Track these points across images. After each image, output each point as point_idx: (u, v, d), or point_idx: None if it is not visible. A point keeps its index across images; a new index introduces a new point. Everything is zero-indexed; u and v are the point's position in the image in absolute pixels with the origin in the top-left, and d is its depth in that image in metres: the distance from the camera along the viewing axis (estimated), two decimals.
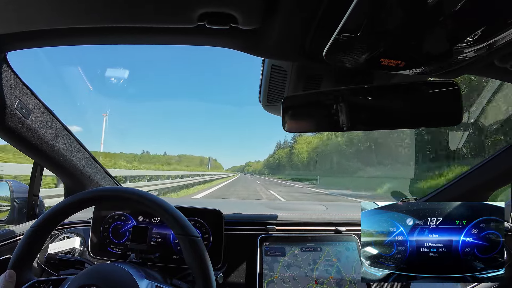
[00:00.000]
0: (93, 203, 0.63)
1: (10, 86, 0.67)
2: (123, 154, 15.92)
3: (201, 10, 0.45)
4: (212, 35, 0.55)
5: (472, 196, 0.98)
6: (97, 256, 0.86)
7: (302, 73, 0.67)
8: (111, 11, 0.48)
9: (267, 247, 0.91)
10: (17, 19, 0.51)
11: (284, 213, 1.03)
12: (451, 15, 0.38)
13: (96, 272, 0.53)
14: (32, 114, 0.75)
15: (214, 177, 26.79)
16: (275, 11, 0.47)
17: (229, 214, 0.99)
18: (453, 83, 0.57)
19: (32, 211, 0.92)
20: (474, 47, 0.45)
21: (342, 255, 0.92)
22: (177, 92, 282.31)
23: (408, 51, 0.48)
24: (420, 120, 0.64)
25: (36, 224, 0.57)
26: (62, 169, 0.96)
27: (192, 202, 1.99)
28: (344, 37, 0.43)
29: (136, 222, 0.87)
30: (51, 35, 0.58)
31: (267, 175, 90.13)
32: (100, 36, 0.58)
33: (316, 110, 0.68)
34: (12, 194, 0.89)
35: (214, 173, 35.02)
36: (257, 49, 0.60)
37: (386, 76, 0.67)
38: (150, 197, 0.58)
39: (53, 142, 0.84)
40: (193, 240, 0.55)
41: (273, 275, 0.87)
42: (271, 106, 0.82)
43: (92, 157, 1.05)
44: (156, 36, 0.58)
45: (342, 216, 1.01)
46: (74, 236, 0.91)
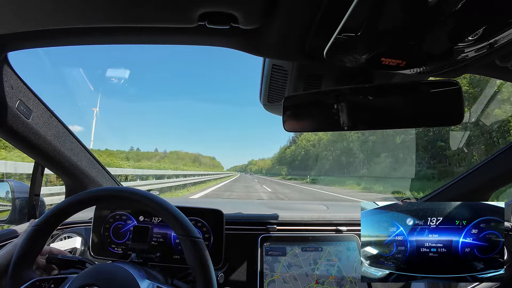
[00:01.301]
0: (94, 203, 0.63)
1: (11, 86, 0.68)
2: (108, 151, 14.47)
3: (202, 9, 0.46)
4: (212, 34, 0.55)
5: (473, 196, 0.98)
6: (98, 256, 0.86)
7: (302, 73, 0.67)
8: (112, 11, 0.48)
9: (268, 247, 0.91)
10: (18, 19, 0.51)
11: (285, 212, 1.03)
12: (452, 15, 0.38)
13: (97, 272, 0.53)
14: (33, 114, 0.75)
15: (204, 178, 21.21)
16: (275, 11, 0.47)
17: (229, 213, 0.99)
18: (454, 82, 0.56)
19: (33, 211, 0.92)
20: (475, 47, 0.45)
21: (343, 255, 0.92)
22: (175, 92, 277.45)
23: (408, 51, 0.48)
24: (421, 119, 0.64)
25: (38, 223, 0.57)
26: (63, 169, 0.96)
27: (192, 202, 1.99)
28: (345, 37, 0.43)
29: (137, 222, 0.87)
30: (51, 35, 0.58)
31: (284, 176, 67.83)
32: (100, 36, 0.58)
33: (316, 109, 0.68)
34: (13, 194, 0.89)
35: (209, 173, 30.91)
36: (258, 48, 0.60)
37: (387, 76, 0.67)
38: (151, 197, 0.58)
39: (54, 142, 0.84)
40: (194, 241, 0.55)
41: (274, 274, 0.88)
42: (271, 106, 0.82)
43: (93, 157, 1.06)
44: (156, 36, 0.58)
45: (343, 216, 1.01)
46: (75, 236, 0.92)
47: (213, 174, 32.18)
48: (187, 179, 15.47)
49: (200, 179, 18.69)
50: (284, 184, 24.83)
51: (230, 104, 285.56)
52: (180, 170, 20.87)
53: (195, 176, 19.56)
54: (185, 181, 14.37)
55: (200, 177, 19.92)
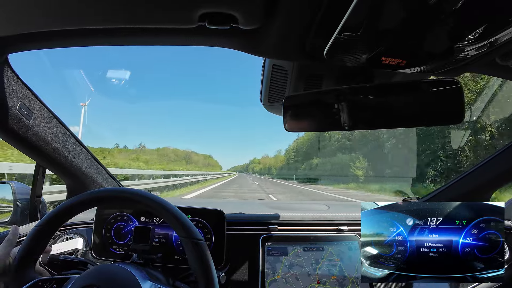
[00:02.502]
0: (96, 203, 0.63)
1: (12, 88, 0.68)
2: (91, 149, 12.74)
3: (202, 10, 0.46)
4: (212, 35, 0.55)
5: (473, 195, 0.98)
6: (100, 257, 0.86)
7: (303, 73, 0.67)
8: (112, 12, 0.48)
9: (269, 247, 0.91)
10: (18, 21, 0.51)
11: (286, 212, 1.03)
12: (452, 13, 0.37)
13: (99, 273, 0.54)
14: (34, 116, 0.75)
15: (186, 180, 16.16)
16: (275, 11, 0.46)
17: (231, 214, 0.99)
18: (454, 81, 0.56)
19: (34, 212, 0.93)
20: (475, 45, 0.45)
21: (345, 255, 0.92)
22: (174, 91, 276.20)
23: (409, 50, 0.48)
24: (422, 118, 0.64)
25: (40, 223, 0.57)
26: (64, 170, 0.96)
27: (193, 202, 2.00)
28: (345, 36, 0.43)
29: (139, 223, 0.87)
30: (52, 37, 0.58)
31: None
32: (101, 37, 0.58)
33: (317, 109, 0.68)
34: (14, 195, 0.89)
35: (198, 173, 25.39)
36: (258, 48, 0.60)
37: (387, 75, 0.67)
38: (152, 198, 0.58)
39: (55, 143, 0.84)
40: (196, 243, 0.55)
41: (276, 274, 0.88)
42: (272, 106, 0.82)
43: (94, 158, 1.06)
44: (156, 37, 0.58)
45: (344, 215, 1.01)
46: (76, 237, 0.92)
47: (204, 174, 27.13)
48: (161, 181, 12.06)
49: (179, 181, 14.51)
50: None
51: (229, 104, 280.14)
52: (155, 170, 16.04)
53: (180, 176, 16.12)
54: (157, 184, 11.29)
55: (181, 179, 15.57)
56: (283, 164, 74.03)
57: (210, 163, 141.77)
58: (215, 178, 28.28)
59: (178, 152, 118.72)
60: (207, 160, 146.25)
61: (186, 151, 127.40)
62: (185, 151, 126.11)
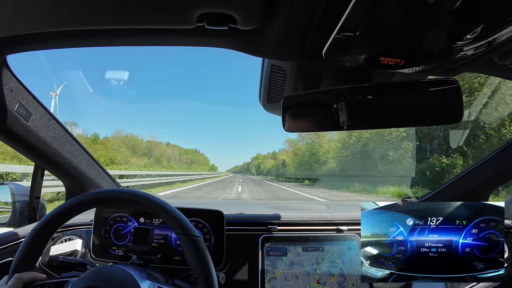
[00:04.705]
0: (95, 205, 0.63)
1: (10, 89, 0.68)
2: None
3: (200, 11, 0.45)
4: (211, 35, 0.55)
5: (473, 195, 0.98)
6: (99, 258, 0.86)
7: (301, 73, 0.67)
8: (110, 13, 0.48)
9: (269, 247, 0.91)
10: (17, 22, 0.51)
11: (286, 213, 1.03)
12: (450, 13, 0.37)
13: (98, 274, 0.53)
14: (33, 117, 0.75)
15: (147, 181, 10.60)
16: (274, 11, 0.47)
17: (230, 214, 0.99)
18: (453, 81, 0.56)
19: (33, 214, 0.93)
20: (473, 45, 0.45)
21: (346, 256, 0.91)
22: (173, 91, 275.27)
23: (407, 50, 0.48)
24: (420, 118, 0.64)
25: (37, 226, 0.57)
26: (63, 171, 0.96)
27: (193, 203, 1.99)
28: (344, 36, 0.43)
29: (138, 224, 0.87)
30: (50, 38, 0.58)
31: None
32: (99, 38, 0.58)
33: (316, 109, 0.68)
34: (13, 197, 0.89)
35: (172, 173, 19.03)
36: (257, 49, 0.60)
37: (386, 75, 0.67)
38: (150, 198, 0.58)
39: (53, 145, 0.84)
40: (194, 240, 0.55)
41: (276, 271, 0.88)
42: (271, 106, 0.82)
43: (93, 158, 1.06)
44: (155, 38, 0.58)
45: (344, 215, 1.01)
46: (75, 238, 0.92)
47: (180, 175, 20.32)
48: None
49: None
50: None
51: (227, 105, 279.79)
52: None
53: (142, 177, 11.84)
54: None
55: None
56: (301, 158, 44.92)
57: (200, 161, 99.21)
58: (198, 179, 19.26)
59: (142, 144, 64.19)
60: (195, 158, 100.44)
61: (167, 144, 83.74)
62: (150, 141, 71.79)
